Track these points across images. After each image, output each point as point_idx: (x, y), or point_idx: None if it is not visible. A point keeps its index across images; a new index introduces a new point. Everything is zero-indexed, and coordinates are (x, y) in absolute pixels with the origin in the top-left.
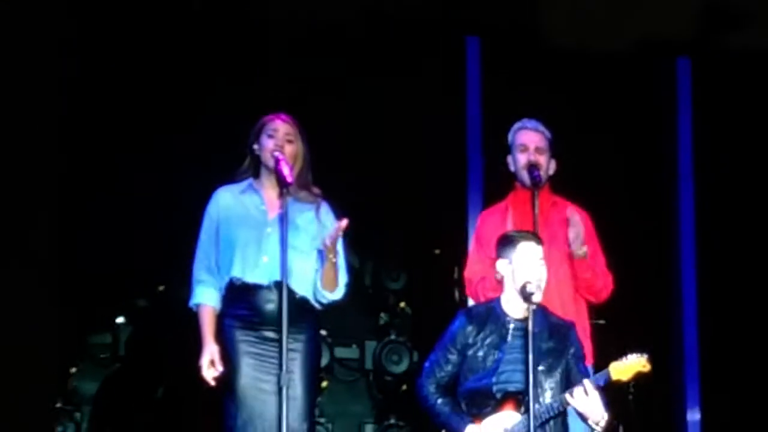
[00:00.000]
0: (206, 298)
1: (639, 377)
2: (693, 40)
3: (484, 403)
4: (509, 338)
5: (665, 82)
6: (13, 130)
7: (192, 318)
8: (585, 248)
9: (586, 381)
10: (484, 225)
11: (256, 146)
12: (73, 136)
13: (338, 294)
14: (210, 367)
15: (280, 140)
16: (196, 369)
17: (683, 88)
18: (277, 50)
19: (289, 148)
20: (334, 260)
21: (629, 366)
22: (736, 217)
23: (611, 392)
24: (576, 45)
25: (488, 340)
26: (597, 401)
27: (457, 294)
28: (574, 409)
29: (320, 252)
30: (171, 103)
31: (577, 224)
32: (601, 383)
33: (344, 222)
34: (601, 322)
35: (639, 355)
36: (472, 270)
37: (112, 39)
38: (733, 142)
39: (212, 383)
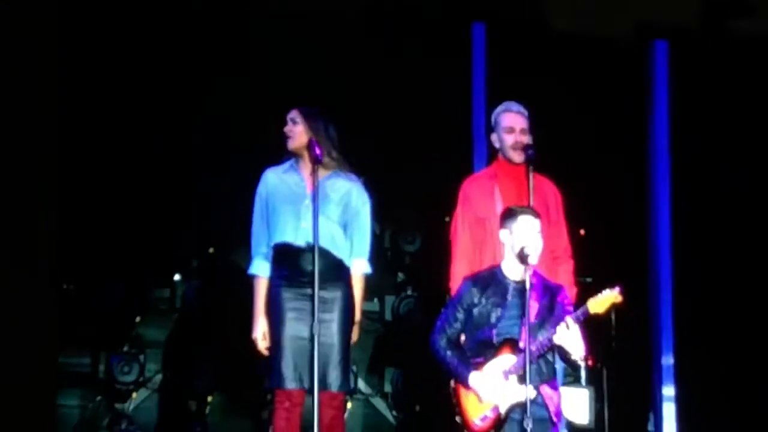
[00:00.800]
0: (261, 270)
1: (614, 309)
2: (692, 26)
3: (486, 352)
4: (509, 297)
5: (649, 64)
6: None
7: (236, 276)
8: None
9: (567, 317)
10: (469, 187)
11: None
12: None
13: (368, 269)
14: (263, 339)
15: (288, 125)
16: (242, 320)
17: (660, 69)
18: (292, 39)
19: (295, 129)
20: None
21: (604, 299)
22: (708, 182)
23: (596, 341)
24: (577, 30)
25: (491, 300)
26: (578, 336)
27: None
28: (559, 354)
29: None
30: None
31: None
32: (582, 318)
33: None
34: (588, 280)
35: (612, 289)
36: (457, 236)
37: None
38: (706, 112)
39: (266, 353)
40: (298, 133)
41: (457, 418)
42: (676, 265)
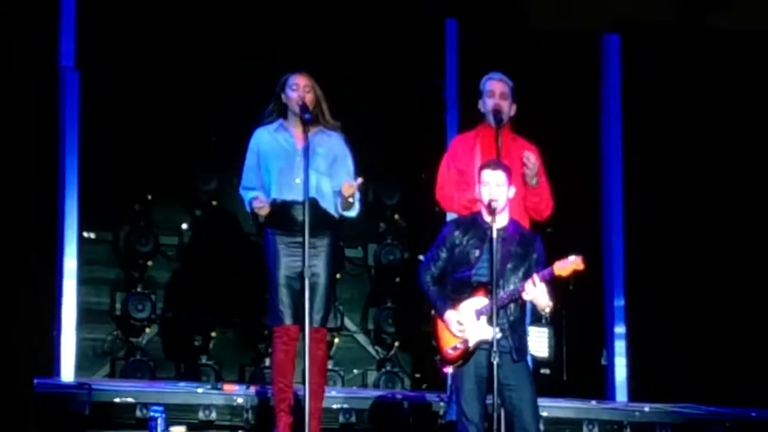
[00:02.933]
0: (255, 194)
1: (576, 274)
2: (670, 22)
3: (464, 290)
4: (487, 242)
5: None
6: None
7: (235, 225)
8: (536, 179)
9: (534, 275)
10: (456, 143)
11: (283, 96)
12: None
13: (354, 212)
14: (260, 203)
15: (301, 92)
16: (241, 265)
17: (614, 59)
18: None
19: (309, 97)
20: (351, 201)
21: (569, 265)
22: (657, 147)
23: (557, 286)
24: (552, 27)
25: (471, 242)
26: (543, 291)
27: (437, 209)
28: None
29: (339, 192)
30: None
31: (531, 162)
32: (547, 277)
33: (360, 180)
34: (549, 230)
35: (576, 256)
36: (441, 180)
37: None
38: (654, 93)
39: (264, 211)
40: (311, 101)
41: (433, 343)
42: (626, 215)
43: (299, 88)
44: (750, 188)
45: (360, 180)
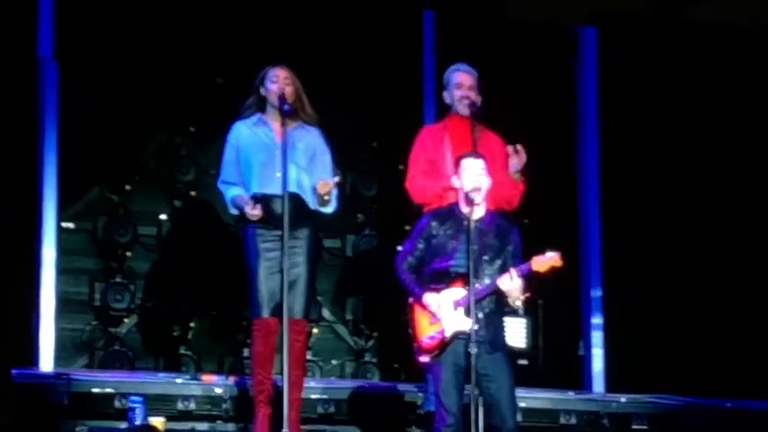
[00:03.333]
0: (237, 191)
1: (554, 270)
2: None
3: (442, 280)
4: (464, 232)
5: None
6: None
7: (213, 216)
8: (512, 170)
9: (512, 269)
10: (424, 135)
11: (262, 89)
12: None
13: (330, 209)
14: (253, 208)
15: (281, 84)
16: (218, 255)
17: (590, 51)
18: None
19: (288, 89)
20: (327, 199)
21: (546, 261)
22: (634, 139)
23: (534, 279)
24: (530, 18)
25: (448, 233)
26: (518, 285)
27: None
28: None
29: (315, 189)
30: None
31: (523, 155)
32: (524, 272)
33: (337, 178)
34: (526, 221)
35: (554, 253)
36: (411, 170)
37: None
38: (630, 85)
39: (257, 216)
40: (290, 93)
41: (410, 331)
42: (603, 206)
43: (279, 80)
44: (727, 179)
45: (337, 178)
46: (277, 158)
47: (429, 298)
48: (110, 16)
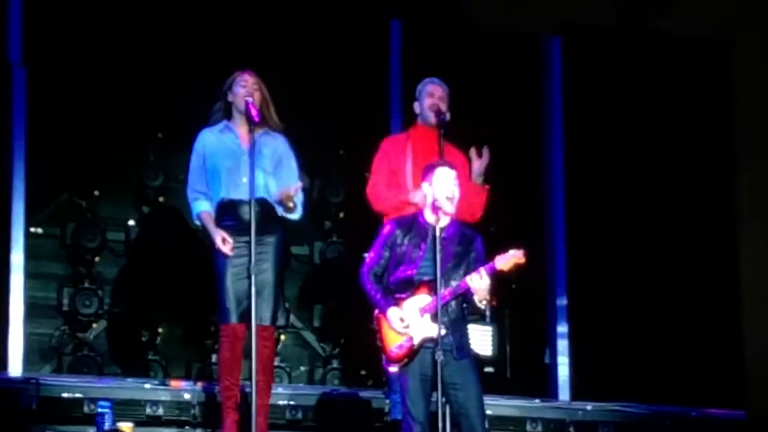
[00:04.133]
0: (204, 206)
1: (517, 268)
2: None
3: (406, 289)
4: (428, 241)
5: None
6: None
7: (181, 222)
8: (482, 178)
9: (481, 268)
10: (387, 145)
11: (230, 94)
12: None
13: (296, 215)
14: (224, 243)
15: (249, 89)
16: (186, 261)
17: (555, 61)
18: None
19: (256, 95)
20: (291, 206)
21: (510, 259)
22: (598, 153)
23: (499, 286)
24: (495, 27)
25: (412, 241)
26: (486, 284)
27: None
28: (467, 292)
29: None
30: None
31: (486, 158)
32: (490, 272)
33: (298, 184)
34: (492, 229)
35: (516, 250)
36: (374, 179)
37: None
38: (595, 95)
39: (230, 253)
40: (258, 99)
41: (378, 343)
42: (568, 215)
43: (247, 85)
44: (690, 190)
45: (299, 183)
46: (244, 163)
47: (391, 313)
48: (78, 22)
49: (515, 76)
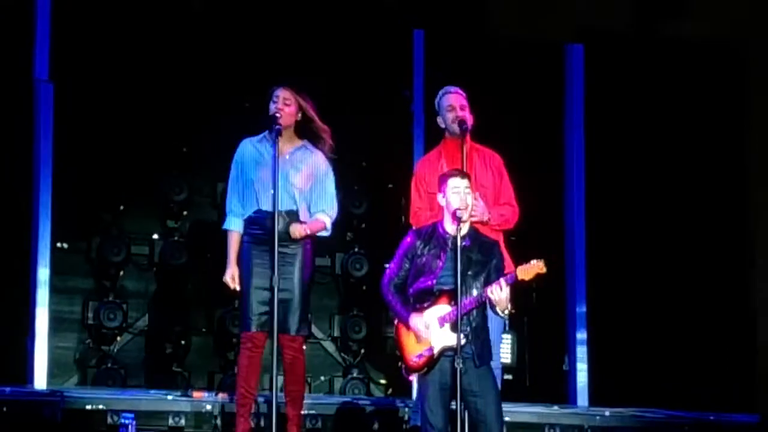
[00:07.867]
0: (234, 224)
1: (538, 277)
2: (629, 29)
3: (426, 299)
4: (448, 251)
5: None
6: None
7: (205, 235)
8: (487, 216)
9: (501, 279)
10: (422, 167)
11: (269, 108)
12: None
13: (326, 234)
14: (232, 282)
15: (280, 104)
16: (211, 274)
17: (577, 68)
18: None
19: (288, 109)
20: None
21: (531, 268)
22: (618, 160)
23: (519, 293)
24: (512, 35)
25: (432, 252)
26: (506, 294)
27: (403, 218)
28: (488, 300)
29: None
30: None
31: (479, 206)
32: (510, 282)
33: (308, 229)
34: (513, 238)
35: (538, 260)
36: (415, 205)
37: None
38: (616, 101)
39: (237, 288)
40: (288, 114)
41: (398, 353)
42: (588, 223)
43: (279, 100)
44: (712, 195)
45: (308, 229)
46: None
47: (414, 320)
48: (104, 39)
49: (536, 84)
